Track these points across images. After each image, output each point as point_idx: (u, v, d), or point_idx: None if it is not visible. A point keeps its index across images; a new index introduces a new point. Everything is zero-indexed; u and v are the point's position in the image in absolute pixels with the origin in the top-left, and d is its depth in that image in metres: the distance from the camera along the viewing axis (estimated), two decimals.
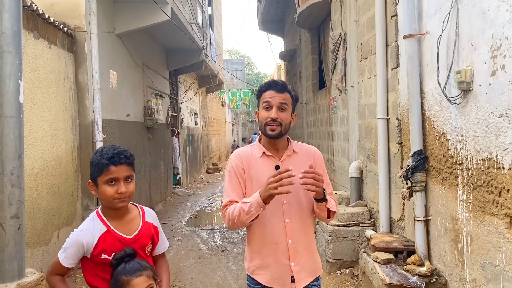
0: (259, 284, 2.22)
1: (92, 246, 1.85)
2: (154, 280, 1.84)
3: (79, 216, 5.67)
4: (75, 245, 1.86)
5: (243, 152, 2.28)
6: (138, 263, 1.83)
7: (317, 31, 8.80)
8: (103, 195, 1.85)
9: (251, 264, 2.25)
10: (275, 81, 2.24)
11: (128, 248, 1.86)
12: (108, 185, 1.83)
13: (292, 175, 1.94)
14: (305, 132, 10.06)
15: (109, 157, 1.83)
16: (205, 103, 18.61)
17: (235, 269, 5.47)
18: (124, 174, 1.85)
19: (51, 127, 4.93)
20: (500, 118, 2.43)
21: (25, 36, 4.39)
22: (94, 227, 1.88)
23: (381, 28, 4.39)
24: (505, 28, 2.37)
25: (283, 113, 2.16)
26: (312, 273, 2.26)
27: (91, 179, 1.89)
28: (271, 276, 2.19)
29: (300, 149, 2.29)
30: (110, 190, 1.83)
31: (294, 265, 2.19)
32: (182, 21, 8.54)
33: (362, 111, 5.28)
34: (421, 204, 3.53)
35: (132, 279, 1.77)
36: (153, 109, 9.20)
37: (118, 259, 1.82)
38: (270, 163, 2.22)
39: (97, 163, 1.84)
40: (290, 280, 2.18)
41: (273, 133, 2.15)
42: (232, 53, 47.73)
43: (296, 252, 2.19)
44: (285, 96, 2.18)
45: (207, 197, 11.77)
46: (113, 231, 1.88)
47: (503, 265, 2.46)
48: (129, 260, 1.84)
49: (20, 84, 2.80)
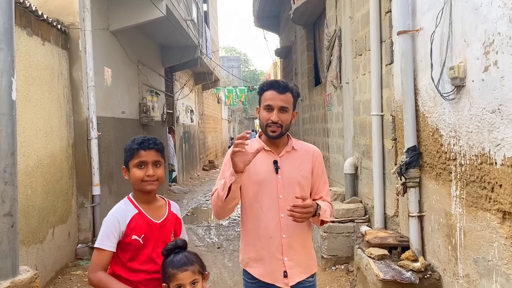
0: (254, 278, 2.23)
1: (125, 225, 1.94)
2: (200, 274, 1.88)
3: (74, 214, 5.66)
4: (112, 224, 1.94)
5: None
6: (185, 257, 1.87)
7: (312, 27, 8.80)
8: (133, 177, 1.97)
9: (245, 256, 2.27)
10: (277, 82, 2.25)
11: (180, 239, 1.95)
12: (137, 168, 1.96)
13: (246, 137, 1.99)
14: (301, 129, 10.06)
15: (139, 143, 1.97)
16: (201, 100, 18.58)
17: (231, 266, 5.48)
18: (153, 158, 1.97)
19: (45, 124, 4.91)
20: (493, 113, 2.44)
21: (18, 33, 4.36)
22: (126, 208, 1.99)
23: (375, 24, 4.39)
24: (497, 23, 2.38)
25: (283, 114, 2.19)
26: (306, 270, 2.26)
27: (124, 165, 2.02)
28: (264, 269, 2.21)
29: (300, 147, 2.31)
30: (139, 173, 1.95)
31: (288, 260, 2.20)
32: (177, 18, 8.51)
33: (357, 108, 5.29)
34: (415, 200, 3.54)
35: (177, 273, 1.82)
36: (148, 106, 9.17)
37: (169, 250, 1.89)
38: (268, 158, 2.24)
39: (129, 148, 1.98)
40: (283, 275, 2.19)
41: (274, 134, 2.19)
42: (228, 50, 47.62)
43: (290, 247, 2.20)
44: (286, 98, 2.20)
45: (203, 194, 11.77)
46: (143, 213, 1.99)
47: (496, 260, 2.48)
48: (179, 252, 1.89)
49: (12, 81, 2.78)
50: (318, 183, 2.32)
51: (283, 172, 2.22)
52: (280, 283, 2.20)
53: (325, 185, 2.35)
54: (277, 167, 2.22)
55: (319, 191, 2.32)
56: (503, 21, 2.33)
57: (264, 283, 2.21)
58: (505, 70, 2.31)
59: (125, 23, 7.19)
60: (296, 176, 2.23)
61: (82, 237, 5.80)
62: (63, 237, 5.27)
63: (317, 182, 2.31)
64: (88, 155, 5.81)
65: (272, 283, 2.20)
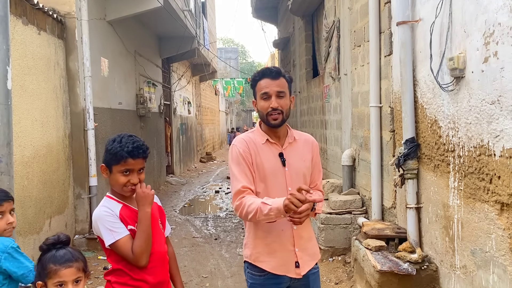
0: (263, 271, 2.19)
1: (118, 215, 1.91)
2: (84, 273, 1.74)
3: (71, 205, 5.64)
4: (108, 215, 1.89)
5: (247, 138, 2.24)
6: (70, 253, 1.73)
7: (310, 18, 8.74)
8: (115, 182, 1.92)
9: (254, 251, 2.21)
10: (268, 69, 2.23)
11: (63, 234, 1.79)
12: (122, 174, 1.91)
13: (305, 211, 1.99)
14: (299, 121, 10.05)
15: (129, 151, 1.89)
16: (198, 92, 18.51)
17: (228, 257, 5.49)
18: (139, 166, 1.94)
19: (41, 114, 4.88)
20: (492, 105, 2.42)
21: (13, 22, 4.31)
22: (110, 205, 1.94)
23: (374, 15, 4.36)
24: (498, 14, 2.36)
25: (282, 100, 2.16)
26: (313, 257, 2.29)
27: (105, 163, 1.94)
28: (277, 262, 2.19)
29: (299, 137, 2.31)
30: (123, 179, 1.91)
31: (298, 250, 2.21)
32: (175, 8, 8.44)
33: (355, 99, 5.27)
34: (413, 192, 3.54)
35: (60, 270, 1.67)
36: (145, 97, 9.13)
37: (49, 245, 1.73)
38: (274, 150, 2.21)
39: (116, 153, 1.89)
40: (295, 265, 2.20)
41: (276, 122, 2.16)
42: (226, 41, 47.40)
43: (300, 238, 2.22)
44: (281, 82, 2.17)
45: (200, 186, 11.77)
46: (128, 205, 1.96)
47: (493, 251, 2.48)
48: (61, 248, 1.73)
49: (8, 70, 2.76)
50: (315, 172, 2.32)
51: (290, 164, 2.20)
52: (292, 274, 2.19)
53: (319, 174, 2.36)
54: (284, 160, 2.20)
55: (314, 180, 2.33)
56: (503, 11, 2.31)
57: (273, 274, 2.19)
58: (505, 61, 2.30)
59: (122, 13, 7.12)
60: (301, 167, 2.23)
61: (79, 228, 5.79)
62: (60, 228, 5.26)
63: (314, 171, 2.32)
64: (85, 146, 5.78)
65: (284, 274, 2.19)
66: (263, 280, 2.21)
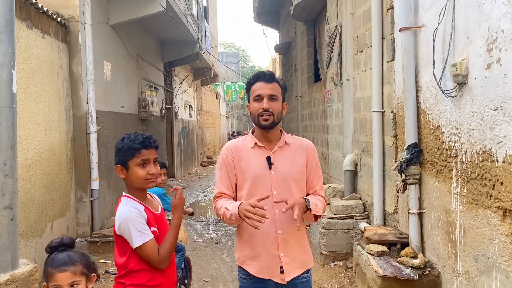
0: (249, 274, 2.24)
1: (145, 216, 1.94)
2: (84, 276, 1.73)
3: (72, 208, 5.65)
4: (138, 216, 1.91)
5: (234, 144, 2.31)
6: (68, 256, 1.73)
7: (312, 23, 8.77)
8: (135, 177, 1.95)
9: (241, 254, 2.27)
10: (263, 72, 2.28)
11: (67, 236, 1.81)
12: (140, 167, 1.95)
13: (265, 216, 1.97)
14: (300, 126, 10.05)
15: (140, 141, 1.95)
16: (199, 95, 18.54)
17: (229, 261, 5.49)
18: (153, 156, 2.00)
19: (44, 118, 4.89)
20: (495, 111, 2.43)
21: (18, 26, 4.33)
22: (133, 205, 1.96)
23: (377, 20, 4.37)
24: (501, 21, 2.37)
25: (274, 102, 2.20)
26: (302, 265, 2.27)
27: (119, 163, 1.98)
28: (260, 266, 2.21)
29: (293, 142, 2.31)
30: (142, 172, 1.95)
31: (284, 255, 2.20)
32: (177, 12, 8.47)
33: (357, 104, 5.28)
34: (415, 197, 3.55)
35: (55, 273, 1.68)
36: (147, 101, 9.15)
37: (53, 247, 1.76)
38: (262, 154, 2.24)
39: (129, 147, 1.95)
40: (279, 270, 2.20)
41: (267, 123, 2.19)
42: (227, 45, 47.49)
43: (286, 243, 2.21)
44: (274, 86, 2.22)
45: (201, 189, 11.77)
46: (147, 207, 2.01)
47: (496, 257, 2.48)
48: (63, 250, 1.75)
49: (13, 74, 2.77)
50: (312, 177, 2.31)
51: (277, 167, 2.22)
52: (276, 279, 2.21)
53: (319, 179, 2.34)
54: (271, 163, 2.22)
55: (313, 186, 2.32)
56: (506, 18, 2.33)
57: (259, 278, 2.22)
58: (508, 68, 2.31)
59: (125, 17, 7.16)
60: (290, 172, 2.24)
61: (80, 231, 5.79)
62: (62, 231, 5.26)
63: (311, 176, 2.31)
64: (87, 149, 5.79)
65: (269, 278, 2.21)
66: (250, 284, 2.25)
